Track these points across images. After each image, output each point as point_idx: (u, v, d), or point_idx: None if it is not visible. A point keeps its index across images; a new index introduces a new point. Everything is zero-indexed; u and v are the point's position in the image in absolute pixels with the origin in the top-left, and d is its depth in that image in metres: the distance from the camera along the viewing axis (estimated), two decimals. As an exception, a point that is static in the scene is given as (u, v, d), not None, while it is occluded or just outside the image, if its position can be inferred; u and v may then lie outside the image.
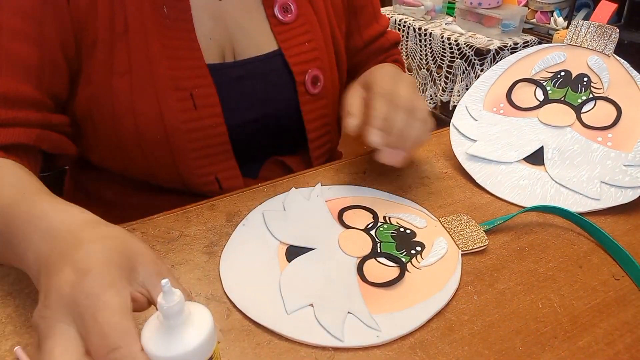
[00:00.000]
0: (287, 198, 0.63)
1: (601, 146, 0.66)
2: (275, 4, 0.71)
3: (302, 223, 0.58)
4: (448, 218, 0.59)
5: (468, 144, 0.70)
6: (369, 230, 0.58)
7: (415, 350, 0.44)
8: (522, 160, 0.68)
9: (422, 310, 0.47)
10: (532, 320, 0.47)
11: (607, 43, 0.70)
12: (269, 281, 0.51)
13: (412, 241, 0.56)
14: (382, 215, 0.60)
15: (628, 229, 0.59)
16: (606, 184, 0.63)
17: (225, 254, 0.54)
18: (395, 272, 0.52)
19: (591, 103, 0.69)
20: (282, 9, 0.72)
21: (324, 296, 0.49)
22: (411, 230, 0.58)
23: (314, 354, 0.44)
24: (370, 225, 0.58)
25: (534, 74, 0.73)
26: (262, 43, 0.71)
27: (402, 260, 0.53)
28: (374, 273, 0.52)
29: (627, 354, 0.44)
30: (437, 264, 0.53)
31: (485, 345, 0.45)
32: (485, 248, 0.55)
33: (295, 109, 0.73)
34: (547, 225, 0.60)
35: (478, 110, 0.73)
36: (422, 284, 0.50)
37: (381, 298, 0.49)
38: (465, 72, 2.09)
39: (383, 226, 0.58)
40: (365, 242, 0.56)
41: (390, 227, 0.58)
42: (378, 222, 0.59)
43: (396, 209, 0.61)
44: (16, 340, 0.44)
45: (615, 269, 0.53)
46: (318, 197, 0.63)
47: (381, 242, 0.56)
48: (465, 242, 0.56)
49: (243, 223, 0.59)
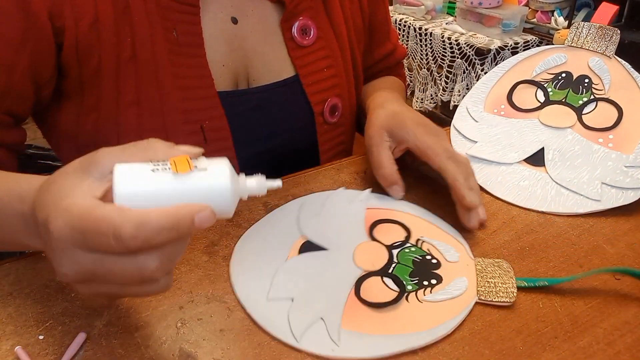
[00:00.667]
0: (332, 195, 0.62)
1: (602, 147, 0.66)
2: (293, 26, 0.67)
3: (331, 223, 0.58)
4: (486, 261, 0.53)
5: (469, 145, 0.70)
6: (393, 248, 0.54)
7: (416, 350, 0.44)
8: (523, 162, 0.68)
9: (395, 342, 0.44)
10: (532, 320, 0.47)
11: (608, 44, 0.70)
12: (270, 266, 0.51)
13: (431, 272, 0.52)
14: (417, 238, 0.56)
15: (628, 229, 0.59)
16: (607, 185, 0.63)
17: (249, 232, 0.56)
18: (392, 296, 0.49)
19: (592, 104, 0.69)
20: (300, 31, 0.68)
21: (308, 296, 0.48)
22: (438, 260, 0.53)
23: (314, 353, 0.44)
24: (398, 244, 0.55)
25: (535, 75, 0.73)
26: (279, 69, 0.68)
27: (407, 287, 0.50)
28: (371, 291, 0.49)
29: (627, 353, 0.44)
30: (443, 303, 0.48)
31: (486, 345, 0.45)
32: (509, 304, 0.48)
33: (311, 137, 0.71)
34: (547, 225, 0.60)
35: (479, 112, 0.73)
36: (413, 317, 0.47)
37: (362, 316, 0.47)
38: (466, 72, 2.09)
39: (411, 248, 0.54)
40: (380, 259, 0.53)
41: (418, 252, 0.54)
42: (408, 242, 0.55)
43: (434, 235, 0.57)
44: (16, 340, 0.44)
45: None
46: (361, 203, 0.61)
47: (398, 263, 0.52)
48: (489, 291, 0.49)
49: (280, 208, 0.60)
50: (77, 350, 0.43)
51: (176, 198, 0.35)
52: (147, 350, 0.43)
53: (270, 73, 0.67)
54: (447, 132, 0.74)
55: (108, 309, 0.47)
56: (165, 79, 0.59)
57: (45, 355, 0.43)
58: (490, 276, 0.51)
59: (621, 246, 0.56)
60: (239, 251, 0.54)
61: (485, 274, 0.51)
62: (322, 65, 0.70)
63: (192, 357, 0.43)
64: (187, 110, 0.61)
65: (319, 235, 0.56)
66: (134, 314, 0.46)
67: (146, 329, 0.45)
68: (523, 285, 0.50)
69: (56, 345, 0.43)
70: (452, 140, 0.71)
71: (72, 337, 0.44)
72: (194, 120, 0.61)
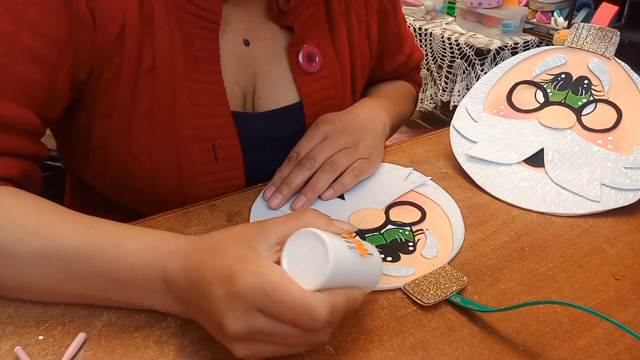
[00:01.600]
0: (394, 170, 0.69)
1: (601, 149, 0.66)
2: (300, 51, 0.68)
3: (372, 185, 0.66)
4: (449, 270, 0.52)
5: (468, 145, 0.70)
6: (391, 224, 0.59)
7: (416, 350, 0.44)
8: (522, 162, 0.68)
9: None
10: (532, 321, 0.47)
11: (607, 46, 0.70)
12: None
13: (397, 252, 0.55)
14: (420, 228, 0.59)
15: (628, 229, 0.59)
16: (606, 186, 0.63)
17: None
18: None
19: (591, 105, 0.69)
20: (307, 58, 0.68)
21: None
22: (415, 250, 0.56)
23: (313, 353, 0.44)
24: (399, 224, 0.59)
25: (535, 76, 0.73)
26: (284, 93, 0.68)
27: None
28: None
29: (627, 353, 0.44)
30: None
31: (486, 345, 0.45)
32: (422, 304, 0.48)
33: None
34: (547, 225, 0.60)
35: (478, 112, 0.73)
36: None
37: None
38: (466, 72, 2.09)
39: (405, 232, 0.58)
40: (370, 224, 0.59)
41: (407, 236, 0.58)
42: (408, 227, 0.59)
43: (437, 230, 0.59)
44: (16, 341, 0.44)
45: (616, 269, 0.53)
46: (412, 184, 0.66)
47: (379, 234, 0.58)
48: (416, 285, 0.50)
49: None
50: (77, 350, 0.43)
51: (356, 277, 0.41)
52: (147, 350, 0.43)
53: (275, 96, 0.68)
54: (446, 132, 0.74)
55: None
56: (180, 93, 0.59)
57: (45, 355, 0.43)
58: (434, 279, 0.51)
59: (621, 246, 0.57)
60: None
61: (433, 276, 0.51)
62: (325, 95, 0.70)
63: (193, 357, 0.43)
64: (199, 128, 0.61)
65: (351, 191, 0.64)
66: (134, 314, 0.46)
67: (146, 329, 0.45)
68: (454, 301, 0.48)
69: (56, 345, 0.43)
70: (451, 140, 0.71)
71: (72, 337, 0.44)
72: (206, 138, 0.61)
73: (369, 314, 0.48)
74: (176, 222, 0.59)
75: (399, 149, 0.75)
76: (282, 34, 0.68)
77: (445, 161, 0.72)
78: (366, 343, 0.45)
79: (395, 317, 0.47)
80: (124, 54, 0.56)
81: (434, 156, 0.73)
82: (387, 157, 0.72)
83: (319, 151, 0.64)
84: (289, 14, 0.66)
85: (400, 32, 0.82)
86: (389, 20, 0.79)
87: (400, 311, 0.48)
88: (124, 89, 0.57)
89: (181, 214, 0.61)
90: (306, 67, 0.68)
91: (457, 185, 0.67)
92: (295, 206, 0.61)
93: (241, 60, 0.65)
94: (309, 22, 0.68)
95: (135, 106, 0.58)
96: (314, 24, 0.69)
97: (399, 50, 0.84)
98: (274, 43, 0.67)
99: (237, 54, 0.65)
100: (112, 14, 0.54)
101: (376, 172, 0.68)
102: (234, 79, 0.64)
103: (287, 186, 0.62)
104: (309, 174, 0.63)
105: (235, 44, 0.64)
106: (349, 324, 0.46)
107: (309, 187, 0.62)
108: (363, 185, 0.66)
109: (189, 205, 0.62)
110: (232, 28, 0.64)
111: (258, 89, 0.67)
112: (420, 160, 0.72)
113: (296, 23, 0.67)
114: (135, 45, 0.56)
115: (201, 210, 0.61)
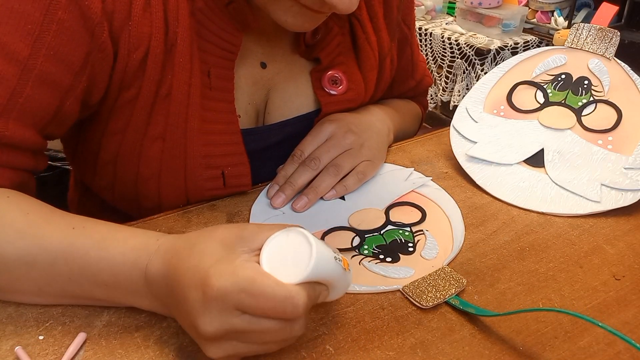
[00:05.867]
0: (395, 170, 0.69)
1: (601, 149, 0.66)
2: (323, 77, 0.68)
3: (374, 185, 0.66)
4: (448, 271, 0.52)
5: (468, 145, 0.70)
6: (391, 224, 0.59)
7: (416, 350, 0.44)
8: (522, 162, 0.68)
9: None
10: (532, 321, 0.47)
11: (607, 46, 0.70)
12: None
13: (397, 253, 0.55)
14: (421, 229, 0.59)
15: (629, 229, 0.59)
16: (606, 187, 0.63)
17: None
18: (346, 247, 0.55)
19: (592, 106, 0.69)
20: (330, 81, 0.68)
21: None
22: (415, 250, 0.56)
23: (314, 353, 0.44)
24: (399, 224, 0.59)
25: (535, 76, 0.73)
26: (299, 104, 0.68)
27: (362, 250, 0.56)
28: (335, 237, 0.57)
29: (627, 353, 0.44)
30: (375, 275, 0.52)
31: (486, 346, 0.45)
32: (420, 306, 0.48)
33: None
34: (547, 225, 0.60)
35: (478, 112, 0.73)
36: None
37: None
38: (466, 72, 2.09)
39: (405, 232, 0.58)
40: (370, 225, 0.59)
41: (407, 237, 0.58)
42: (408, 227, 0.59)
43: (437, 230, 0.59)
44: (16, 340, 0.44)
45: (616, 269, 0.53)
46: (412, 185, 0.66)
47: (378, 235, 0.58)
48: (415, 288, 0.50)
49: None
50: (77, 350, 0.43)
51: (329, 284, 0.43)
52: (147, 350, 0.43)
53: (291, 109, 0.68)
54: (446, 132, 0.74)
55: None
56: (192, 120, 0.59)
57: (45, 355, 0.43)
58: (433, 282, 0.50)
59: (621, 246, 0.57)
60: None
61: (432, 278, 0.51)
62: (347, 107, 0.71)
63: (193, 357, 0.43)
64: (209, 155, 0.61)
65: (355, 191, 0.65)
66: (134, 314, 0.46)
67: (146, 329, 0.45)
68: (453, 304, 0.48)
69: (56, 345, 0.43)
70: (452, 140, 0.71)
71: (72, 337, 0.44)
72: (215, 166, 0.61)
73: (369, 314, 0.48)
74: (176, 222, 0.59)
75: (400, 149, 0.75)
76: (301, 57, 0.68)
77: (445, 161, 0.72)
78: (366, 343, 0.45)
79: (396, 317, 0.47)
80: (145, 79, 0.55)
81: (434, 156, 0.73)
82: (387, 157, 0.72)
83: (324, 152, 0.64)
84: (315, 47, 0.67)
85: (413, 58, 0.82)
86: (405, 48, 0.79)
87: (400, 311, 0.48)
88: (140, 111, 0.57)
89: (181, 214, 0.61)
90: (329, 90, 0.69)
91: (457, 185, 0.67)
92: (297, 206, 0.61)
93: (258, 81, 0.65)
94: (335, 51, 0.68)
95: (149, 128, 0.58)
96: (341, 52, 0.69)
97: (411, 76, 0.83)
98: (292, 64, 0.68)
99: (253, 76, 0.65)
100: (137, 42, 0.54)
101: (377, 172, 0.68)
102: (249, 99, 0.65)
103: (291, 186, 0.62)
104: (313, 174, 0.63)
105: (253, 67, 0.65)
106: (349, 324, 0.46)
107: (312, 189, 0.62)
108: (364, 185, 0.66)
109: (188, 205, 0.62)
110: (251, 53, 0.64)
111: (270, 102, 0.67)
112: (421, 160, 0.72)
113: (323, 54, 0.67)
114: (157, 72, 0.55)
115: (201, 210, 0.61)
